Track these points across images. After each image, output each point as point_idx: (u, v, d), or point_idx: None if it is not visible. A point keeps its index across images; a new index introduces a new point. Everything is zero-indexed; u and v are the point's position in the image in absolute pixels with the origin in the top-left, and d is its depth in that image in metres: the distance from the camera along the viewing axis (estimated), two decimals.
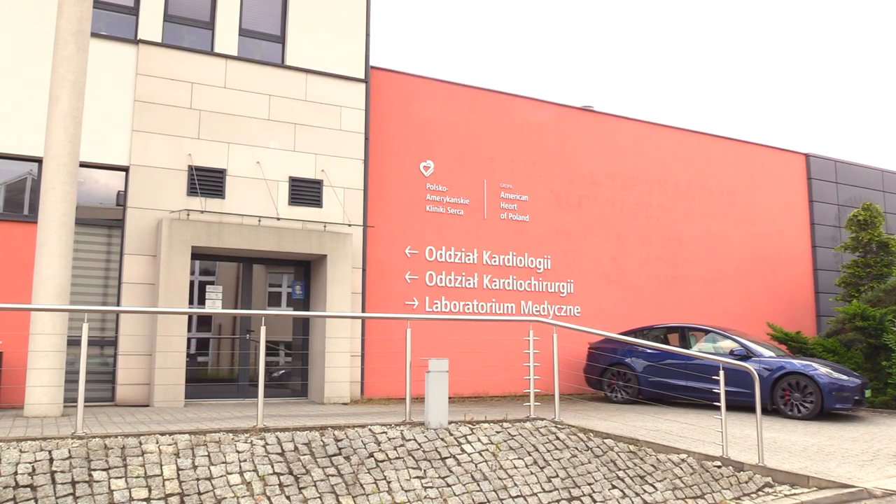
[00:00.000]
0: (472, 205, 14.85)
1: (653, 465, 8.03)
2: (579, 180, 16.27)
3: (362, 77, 13.59)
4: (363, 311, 13.05)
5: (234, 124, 12.36)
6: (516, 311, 14.95)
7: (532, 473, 7.54)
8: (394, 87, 14.35)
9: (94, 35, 10.52)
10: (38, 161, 10.63)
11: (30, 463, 6.12)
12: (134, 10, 12.05)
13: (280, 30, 13.20)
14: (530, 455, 7.84)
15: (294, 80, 12.97)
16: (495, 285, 14.85)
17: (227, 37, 12.62)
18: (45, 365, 8.80)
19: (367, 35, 13.77)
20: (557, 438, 8.29)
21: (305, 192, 12.78)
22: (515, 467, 7.58)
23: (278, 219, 12.28)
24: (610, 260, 16.39)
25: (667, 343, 13.99)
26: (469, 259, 14.63)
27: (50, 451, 6.30)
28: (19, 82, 10.91)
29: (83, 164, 10.49)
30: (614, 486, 7.59)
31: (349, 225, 12.88)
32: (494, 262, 14.92)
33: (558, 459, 7.87)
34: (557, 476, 7.58)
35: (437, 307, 14.13)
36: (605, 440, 8.42)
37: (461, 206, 14.70)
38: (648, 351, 13.42)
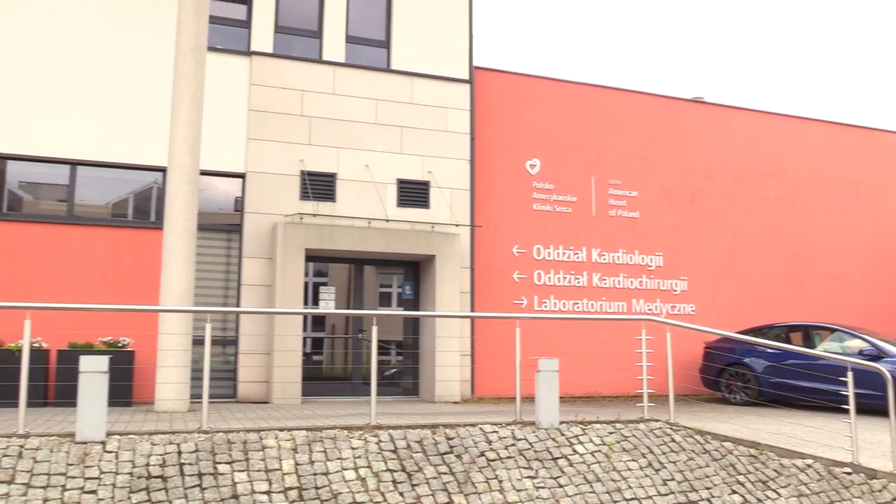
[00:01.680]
0: (579, 202, 14.64)
1: (775, 471, 7.68)
2: (691, 174, 15.76)
3: (466, 78, 13.65)
4: (472, 310, 13.10)
5: (343, 129, 12.67)
6: (627, 310, 14.64)
7: (647, 476, 7.35)
8: (498, 87, 14.34)
9: (210, 49, 11.03)
10: (163, 171, 11.23)
11: (160, 455, 6.47)
12: (246, 24, 12.55)
13: (385, 35, 13.44)
14: (644, 457, 7.65)
15: (399, 83, 13.18)
16: (605, 283, 14.59)
17: (334, 44, 12.95)
18: (172, 363, 9.29)
19: (471, 35, 13.82)
20: (673, 440, 8.05)
21: (413, 193, 12.95)
22: (629, 469, 7.42)
23: (387, 220, 12.50)
24: (726, 256, 15.80)
25: (788, 342, 13.35)
26: (578, 257, 14.44)
27: (178, 445, 6.63)
28: (144, 98, 11.56)
29: (203, 173, 11.00)
30: (734, 492, 7.30)
31: (456, 225, 12.96)
32: (604, 259, 14.66)
33: (674, 462, 7.64)
34: (673, 479, 7.36)
35: (545, 306, 14.02)
36: (724, 443, 8.11)
37: (569, 204, 14.53)
38: (769, 350, 12.84)
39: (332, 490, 6.45)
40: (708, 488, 7.31)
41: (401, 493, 6.56)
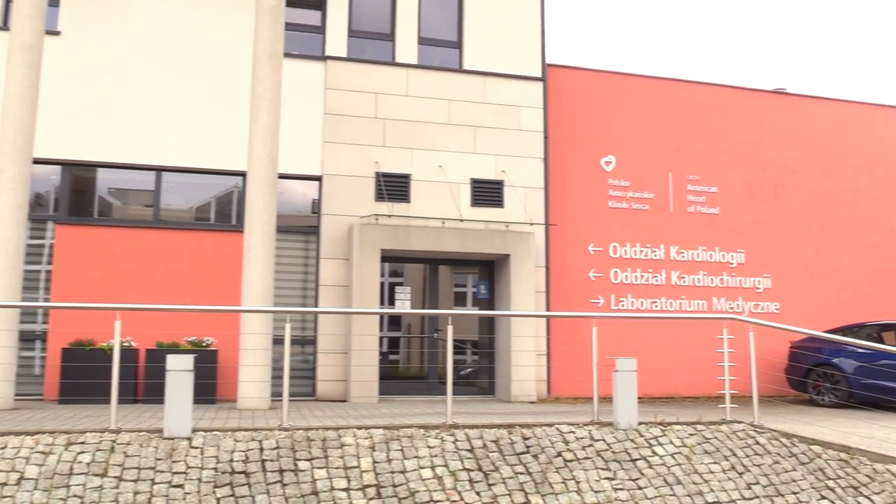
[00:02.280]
0: (656, 199, 14.36)
1: (868, 476, 7.35)
2: (773, 168, 15.25)
3: (539, 75, 13.56)
4: (547, 309, 13.01)
5: (417, 130, 12.77)
6: (708, 309, 14.27)
7: (730, 479, 7.15)
8: (571, 84, 14.20)
9: (286, 55, 11.28)
10: (242, 175, 11.54)
11: (243, 451, 6.65)
12: (321, 29, 12.79)
13: (457, 35, 13.47)
14: (727, 460, 7.44)
15: (472, 83, 13.19)
16: (684, 282, 14.26)
17: (407, 46, 13.07)
18: (253, 362, 9.54)
19: (543, 33, 13.73)
20: (757, 443, 7.80)
21: (487, 193, 12.95)
22: (711, 472, 7.23)
23: (461, 220, 12.53)
24: (812, 252, 15.23)
25: (881, 342, 12.75)
26: (656, 255, 14.16)
27: (260, 441, 6.81)
28: (224, 104, 11.92)
29: (281, 176, 11.24)
30: (823, 497, 7.03)
31: (531, 224, 12.89)
32: (683, 257, 14.33)
33: (759, 465, 7.40)
34: (758, 483, 7.13)
35: (623, 305, 13.80)
36: (812, 446, 7.80)
37: (645, 201, 14.26)
38: (860, 350, 12.29)
39: (409, 488, 6.50)
40: (795, 493, 7.05)
41: (477, 493, 6.56)
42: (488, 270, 13.30)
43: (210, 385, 10.16)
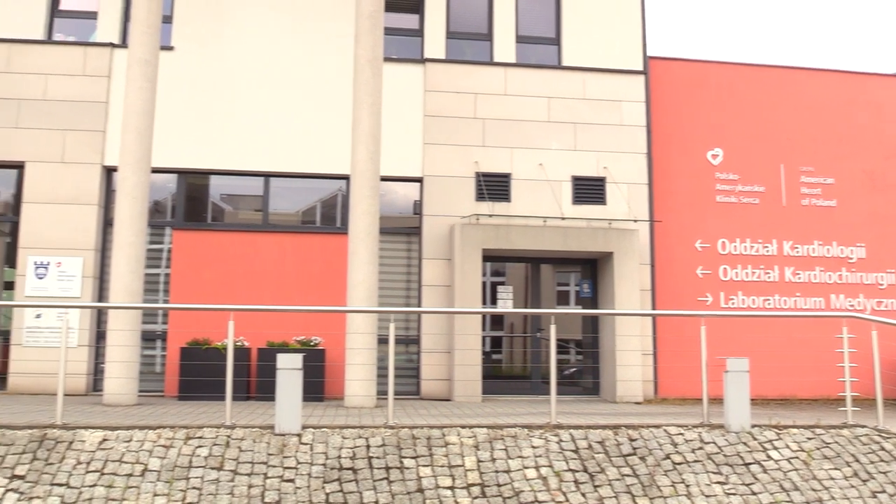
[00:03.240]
0: (767, 192, 13.76)
1: None
2: None
3: (641, 69, 13.25)
4: (653, 308, 12.69)
5: (516, 129, 12.73)
6: (826, 306, 13.55)
7: (852, 486, 6.77)
8: (674, 76, 13.79)
9: (386, 59, 11.46)
10: (346, 178, 11.82)
11: (350, 448, 6.80)
12: (419, 32, 12.94)
13: (555, 31, 13.34)
14: (849, 466, 7.05)
15: (571, 79, 13.03)
16: (799, 278, 13.60)
17: (504, 45, 13.04)
18: (359, 361, 9.74)
19: (643, 25, 13.41)
20: (882, 449, 7.36)
21: (588, 190, 12.76)
22: (832, 478, 6.87)
23: (563, 218, 12.40)
24: None
25: None
26: (767, 251, 13.57)
27: (367, 439, 6.95)
28: (327, 110, 12.24)
29: (383, 178, 11.44)
30: None
31: (635, 221, 12.62)
32: (797, 252, 13.68)
33: (884, 473, 6.98)
34: (884, 491, 6.73)
35: (732, 303, 13.29)
36: None
37: (755, 195, 13.69)
38: None
39: (513, 488, 6.48)
40: None
41: (583, 494, 6.48)
42: (591, 269, 13.10)
43: (318, 383, 10.45)
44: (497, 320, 13.15)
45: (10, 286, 11.86)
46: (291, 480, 6.42)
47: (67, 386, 7.75)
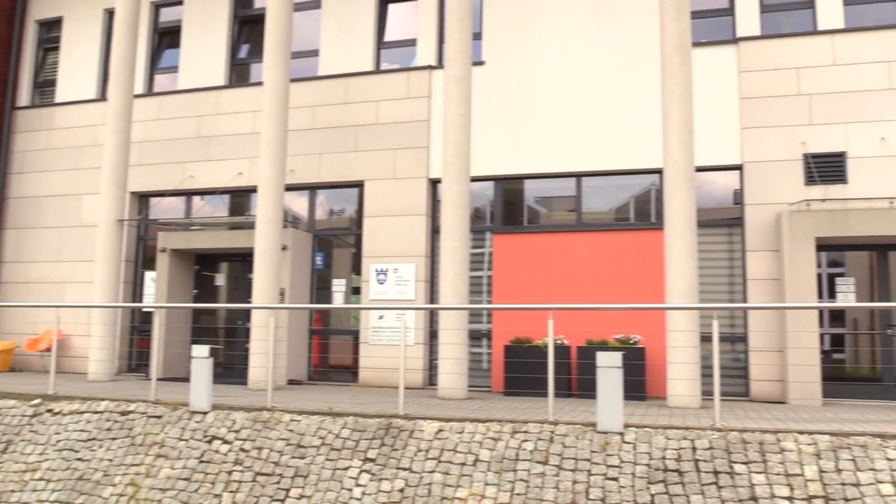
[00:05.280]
0: None
1: None
2: None
3: None
4: None
5: (850, 102, 11.37)
6: None
7: None
8: None
9: (693, 45, 10.94)
10: (659, 172, 11.51)
11: (675, 450, 6.59)
12: (729, 11, 12.16)
13: None
14: None
15: None
16: None
17: (830, 10, 11.72)
18: (681, 360, 9.41)
19: None
20: None
21: None
22: None
23: None
24: None
25: None
26: None
27: (692, 441, 6.68)
28: (633, 105, 12.03)
29: (698, 169, 10.94)
30: None
31: None
32: None
33: None
34: None
35: None
36: None
37: None
38: None
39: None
40: None
41: None
42: None
43: (639, 382, 10.30)
44: (837, 316, 11.82)
45: (357, 291, 13.41)
46: (615, 479, 6.39)
47: (406, 380, 8.52)
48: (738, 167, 11.75)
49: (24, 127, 16.23)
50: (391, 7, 14.07)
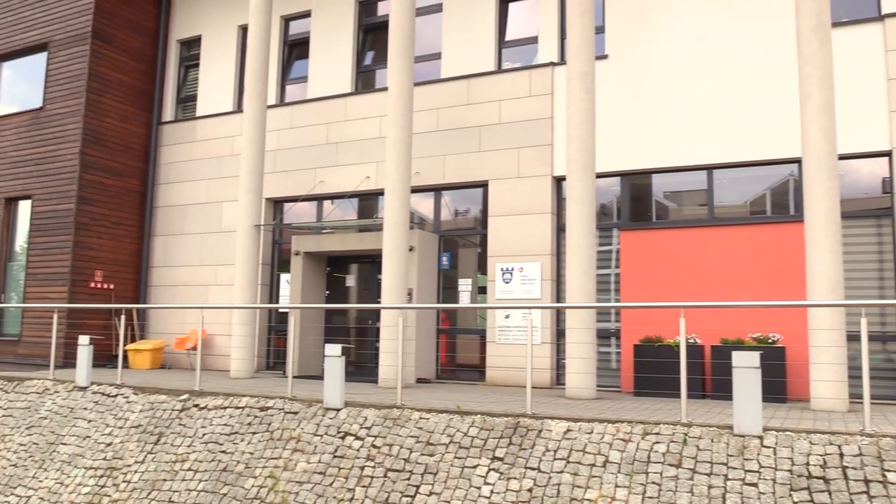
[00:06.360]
0: None
1: None
2: None
3: None
4: None
5: None
6: None
7: None
8: None
9: (833, 25, 10.28)
10: (797, 161, 10.90)
11: (820, 455, 6.22)
12: None
13: None
14: None
15: None
16: None
17: None
18: (826, 360, 8.86)
19: None
20: None
21: None
22: None
23: None
24: None
25: None
26: None
27: (839, 447, 6.28)
28: (766, 92, 11.43)
29: (841, 157, 10.29)
30: None
31: None
32: None
33: None
34: None
35: None
36: None
37: None
38: None
39: None
40: None
41: None
42: None
43: (778, 383, 9.77)
44: None
45: (483, 290, 13.47)
46: (754, 485, 6.10)
47: (534, 380, 8.48)
48: (887, 153, 10.94)
49: (169, 140, 17.36)
50: (511, 6, 14.04)
